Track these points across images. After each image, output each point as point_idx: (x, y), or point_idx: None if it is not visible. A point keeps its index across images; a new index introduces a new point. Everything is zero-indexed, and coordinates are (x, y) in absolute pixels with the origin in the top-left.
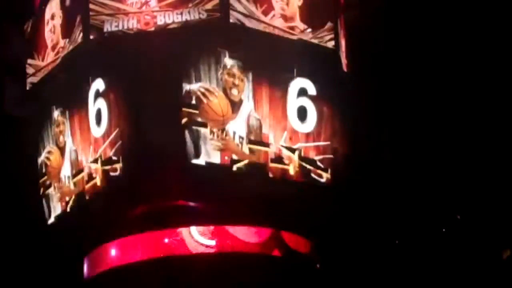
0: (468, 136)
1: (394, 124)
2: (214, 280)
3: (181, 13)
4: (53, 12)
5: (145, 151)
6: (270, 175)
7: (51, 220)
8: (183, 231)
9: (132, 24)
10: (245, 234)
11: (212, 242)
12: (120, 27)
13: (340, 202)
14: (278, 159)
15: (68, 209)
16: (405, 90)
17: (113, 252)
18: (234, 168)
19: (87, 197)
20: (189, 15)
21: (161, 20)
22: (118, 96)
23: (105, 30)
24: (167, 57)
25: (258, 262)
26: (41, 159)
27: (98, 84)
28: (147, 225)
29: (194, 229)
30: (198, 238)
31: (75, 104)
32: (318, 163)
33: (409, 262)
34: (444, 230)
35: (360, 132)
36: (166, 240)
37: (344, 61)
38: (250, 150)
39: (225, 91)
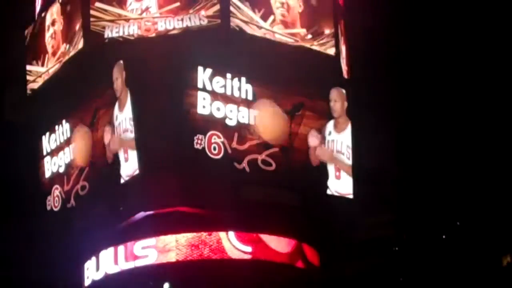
0: (468, 144)
1: (395, 132)
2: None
3: (182, 19)
4: (54, 18)
5: (147, 155)
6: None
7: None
8: (222, 235)
9: (133, 30)
10: (277, 244)
11: (248, 249)
12: (121, 33)
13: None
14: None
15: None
16: (404, 98)
17: (142, 251)
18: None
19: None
20: (190, 21)
21: (161, 26)
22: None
23: (105, 36)
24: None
25: (286, 272)
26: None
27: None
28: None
29: (232, 234)
30: (235, 243)
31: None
32: None
33: (410, 269)
34: (444, 236)
35: (361, 140)
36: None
37: (344, 67)
38: None
39: None
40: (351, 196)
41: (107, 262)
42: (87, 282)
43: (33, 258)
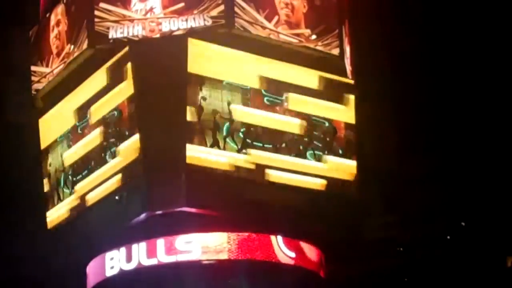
0: (473, 144)
1: (400, 132)
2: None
3: (186, 20)
4: (59, 19)
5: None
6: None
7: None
8: (272, 238)
9: (137, 30)
10: (310, 252)
11: (293, 254)
12: (125, 34)
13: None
14: None
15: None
16: (410, 98)
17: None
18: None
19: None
20: (194, 21)
21: (166, 26)
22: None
23: (110, 36)
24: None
25: (314, 280)
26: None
27: None
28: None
29: (280, 239)
30: (283, 248)
31: None
32: None
33: (415, 269)
34: (449, 237)
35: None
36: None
37: (348, 68)
38: None
39: None
40: None
41: (142, 254)
42: (110, 272)
43: (36, 257)
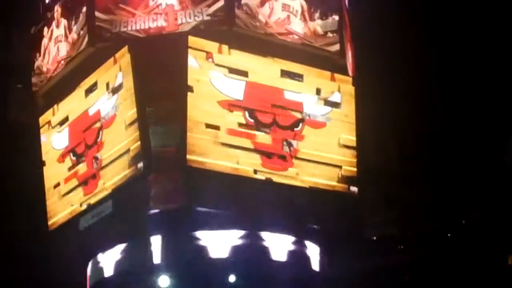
0: (473, 141)
1: (399, 130)
2: None
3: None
4: (60, 17)
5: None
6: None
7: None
8: None
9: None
10: None
11: None
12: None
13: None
14: None
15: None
16: (408, 96)
17: None
18: None
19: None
20: (192, 17)
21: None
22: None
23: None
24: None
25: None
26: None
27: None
28: None
29: None
30: None
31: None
32: None
33: (415, 267)
34: (449, 235)
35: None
36: None
37: (349, 65)
38: None
39: None
40: None
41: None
42: (110, 272)
43: (38, 256)
